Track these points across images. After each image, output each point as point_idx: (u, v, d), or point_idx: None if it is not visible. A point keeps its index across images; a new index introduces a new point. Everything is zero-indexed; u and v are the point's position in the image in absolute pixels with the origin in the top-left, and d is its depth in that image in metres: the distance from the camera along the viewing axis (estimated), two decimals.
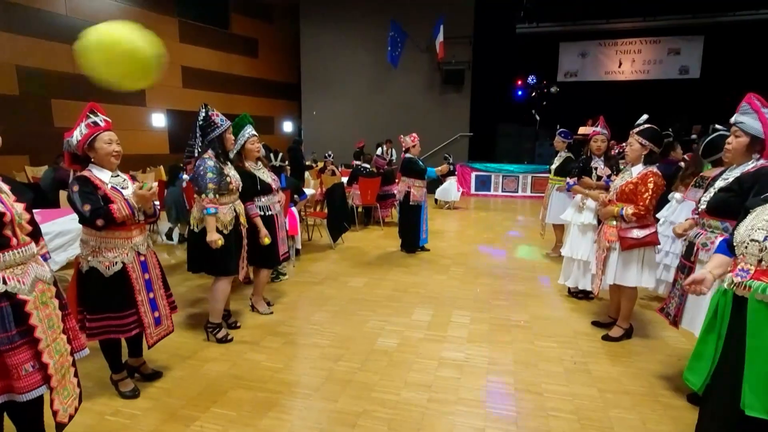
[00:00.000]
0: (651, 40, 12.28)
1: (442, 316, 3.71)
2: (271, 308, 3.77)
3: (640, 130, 3.05)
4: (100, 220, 2.22)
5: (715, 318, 1.75)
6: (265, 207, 3.50)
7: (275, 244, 3.54)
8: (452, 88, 11.86)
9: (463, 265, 5.20)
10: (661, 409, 2.47)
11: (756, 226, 1.60)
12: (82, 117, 2.30)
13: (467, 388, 2.67)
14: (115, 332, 2.40)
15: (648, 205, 2.92)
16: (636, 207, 2.95)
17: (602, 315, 3.63)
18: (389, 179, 7.57)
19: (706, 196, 2.43)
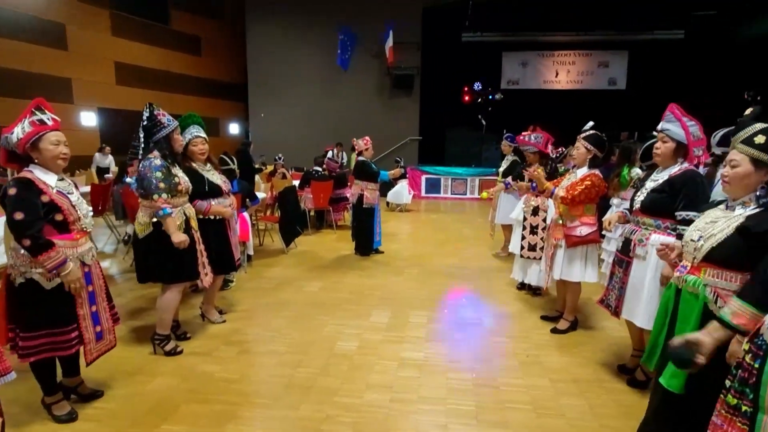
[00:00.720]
0: (583, 53, 13.16)
1: (400, 317, 3.75)
2: (224, 317, 3.64)
3: (586, 136, 3.27)
4: (27, 240, 2.00)
5: (665, 310, 1.91)
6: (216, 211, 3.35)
7: (229, 248, 3.43)
8: (402, 92, 12.06)
9: (417, 266, 5.29)
10: (606, 394, 2.65)
11: (697, 227, 1.76)
12: (25, 113, 2.11)
13: (428, 386, 2.72)
14: (53, 350, 2.21)
15: (576, 196, 3.11)
16: (566, 193, 3.15)
17: (550, 309, 3.83)
18: (341, 182, 7.55)
19: (639, 196, 2.64)
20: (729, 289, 1.64)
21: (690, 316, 1.73)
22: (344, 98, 12.21)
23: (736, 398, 1.37)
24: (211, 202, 3.27)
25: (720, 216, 1.70)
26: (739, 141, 1.63)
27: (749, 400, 1.32)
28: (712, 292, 1.65)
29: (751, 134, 1.60)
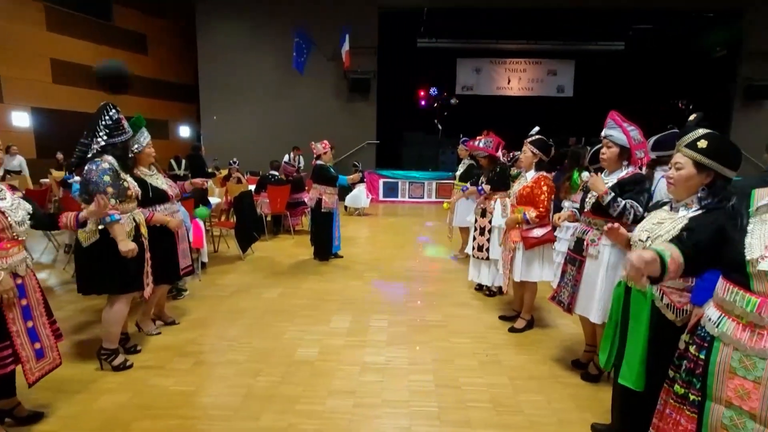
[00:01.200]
0: (533, 61, 13.73)
1: (361, 322, 3.73)
2: (159, 328, 3.44)
3: (532, 140, 3.42)
4: None
5: (616, 309, 2.00)
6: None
7: (174, 257, 3.27)
8: (359, 96, 12.06)
9: (377, 270, 5.29)
10: (562, 388, 2.75)
11: (644, 228, 1.86)
12: None
13: (391, 389, 2.72)
14: None
15: (546, 206, 3.25)
16: (537, 210, 3.27)
17: (508, 309, 3.94)
18: (299, 187, 7.44)
19: (590, 198, 2.77)
20: (674, 287, 1.74)
21: (641, 315, 1.81)
22: (301, 102, 12.05)
23: (684, 388, 1.44)
24: (155, 210, 3.11)
25: (666, 217, 1.80)
26: (684, 145, 1.72)
27: (696, 390, 1.40)
28: (658, 290, 1.75)
29: (695, 139, 1.69)
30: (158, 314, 3.57)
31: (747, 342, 1.26)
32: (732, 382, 1.30)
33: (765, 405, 1.22)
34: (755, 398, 1.24)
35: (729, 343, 1.31)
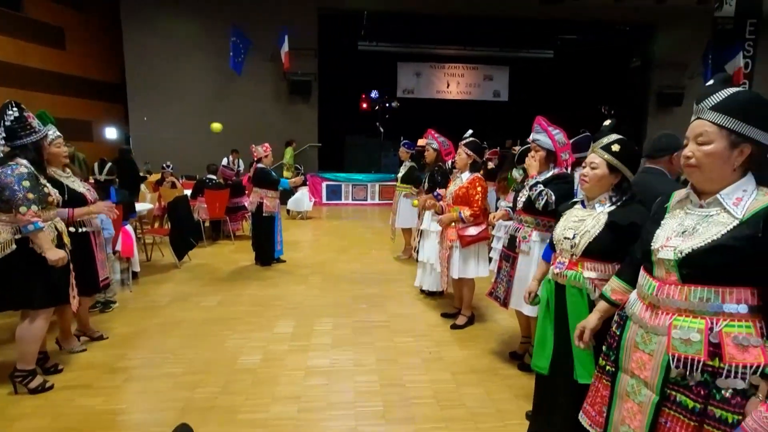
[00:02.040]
0: (471, 66, 14.26)
1: (305, 326, 3.69)
2: (84, 345, 3.21)
3: (466, 143, 3.57)
4: None
5: (547, 307, 2.07)
6: (77, 222, 2.94)
7: (92, 267, 3.05)
8: (300, 98, 11.88)
9: (321, 274, 5.25)
10: (500, 380, 2.88)
11: (567, 226, 1.98)
12: None
13: (336, 392, 2.71)
14: None
15: (480, 205, 3.39)
16: (471, 209, 3.40)
17: (449, 307, 4.06)
18: (238, 191, 7.22)
19: (521, 197, 2.93)
20: (605, 279, 1.86)
21: (580, 310, 1.89)
22: (239, 103, 11.65)
23: (605, 360, 1.60)
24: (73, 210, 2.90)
25: (584, 215, 1.94)
26: (599, 147, 1.90)
27: (612, 362, 1.55)
28: (591, 283, 1.88)
29: (609, 143, 1.88)
30: (82, 329, 3.32)
31: (648, 320, 1.40)
32: (635, 355, 1.44)
33: (654, 374, 1.37)
34: (648, 368, 1.39)
35: (636, 321, 1.46)
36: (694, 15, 11.34)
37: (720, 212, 1.29)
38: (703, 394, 1.27)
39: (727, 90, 1.27)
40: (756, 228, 1.21)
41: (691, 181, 1.39)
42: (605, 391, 1.57)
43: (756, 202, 1.25)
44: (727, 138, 1.25)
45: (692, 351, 1.28)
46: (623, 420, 1.47)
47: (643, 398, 1.40)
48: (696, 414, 1.27)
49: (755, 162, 1.28)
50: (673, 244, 1.33)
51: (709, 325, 1.27)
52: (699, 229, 1.31)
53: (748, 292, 1.25)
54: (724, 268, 1.25)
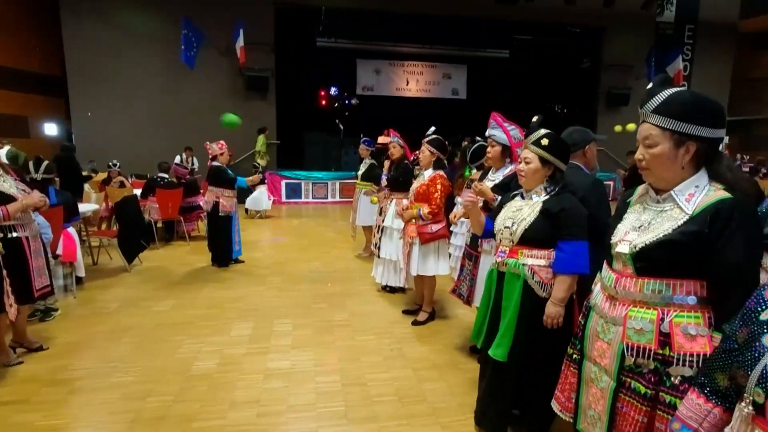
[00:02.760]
0: (429, 64, 14.38)
1: (264, 327, 3.59)
2: (20, 357, 2.99)
3: (430, 140, 3.57)
4: None
5: (489, 293, 2.19)
6: (7, 227, 2.73)
7: (26, 275, 2.84)
8: (256, 95, 11.55)
9: (280, 274, 5.14)
10: (462, 374, 2.92)
11: (506, 216, 2.07)
12: None
13: (297, 394, 2.66)
14: None
15: (439, 203, 3.42)
16: (430, 206, 3.43)
17: (410, 304, 4.07)
18: (193, 190, 6.95)
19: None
20: (541, 265, 1.97)
21: (512, 294, 2.02)
22: (192, 99, 11.18)
23: (572, 349, 1.67)
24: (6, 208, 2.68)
25: (522, 205, 2.05)
26: (530, 143, 2.01)
27: (578, 350, 1.62)
28: (529, 269, 1.97)
29: (539, 138, 1.99)
30: (18, 340, 3.09)
31: (607, 311, 1.47)
32: (596, 343, 1.51)
33: (611, 362, 1.44)
34: (607, 356, 1.46)
35: (597, 312, 1.52)
36: (639, 19, 11.97)
37: (673, 207, 1.34)
38: (654, 380, 1.33)
39: (667, 91, 1.31)
40: (702, 224, 1.26)
41: (647, 181, 1.44)
42: (573, 378, 1.63)
43: (706, 197, 1.29)
44: (671, 138, 1.30)
45: (644, 340, 1.34)
46: (590, 404, 1.54)
47: (604, 384, 1.47)
48: (648, 399, 1.34)
49: (704, 157, 1.32)
50: (630, 239, 1.39)
51: (661, 316, 1.33)
52: (653, 224, 1.36)
53: (698, 285, 1.31)
54: (673, 262, 1.31)
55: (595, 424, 1.51)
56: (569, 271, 1.90)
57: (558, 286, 1.92)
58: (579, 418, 1.61)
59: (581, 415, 1.59)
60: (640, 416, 1.35)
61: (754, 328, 0.90)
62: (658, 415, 1.32)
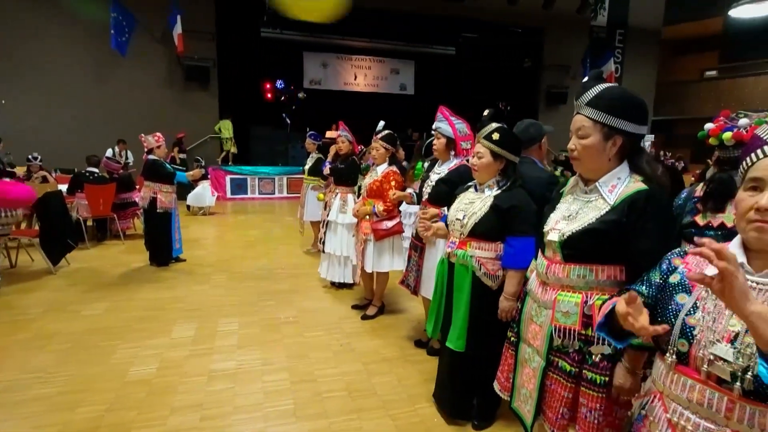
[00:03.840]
0: (377, 59, 14.38)
1: (208, 328, 3.44)
2: None
3: (382, 136, 3.56)
4: None
5: (440, 283, 2.22)
6: None
7: None
8: (197, 85, 10.99)
9: (225, 272, 4.95)
10: (411, 366, 2.95)
11: (459, 208, 2.10)
12: None
13: (243, 395, 2.57)
14: None
15: (392, 201, 3.42)
16: (384, 203, 3.41)
17: (360, 298, 4.06)
18: (127, 185, 6.52)
19: (426, 188, 3.01)
20: (488, 257, 2.02)
21: (463, 286, 2.07)
22: (125, 88, 10.43)
23: (511, 333, 1.75)
24: None
25: (474, 198, 2.09)
26: (482, 137, 2.05)
27: (515, 333, 1.71)
28: (477, 261, 2.01)
29: (490, 132, 2.03)
30: None
31: (539, 295, 1.56)
32: (530, 326, 1.60)
33: (542, 343, 1.54)
34: (539, 338, 1.56)
35: (532, 296, 1.61)
36: (576, 22, 12.61)
37: (598, 198, 1.43)
38: (578, 359, 1.44)
39: (600, 86, 1.39)
40: (621, 213, 1.36)
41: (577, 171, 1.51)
42: (511, 359, 1.72)
43: (626, 189, 1.38)
44: (601, 131, 1.38)
45: (570, 322, 1.43)
46: (523, 383, 1.64)
47: (535, 364, 1.56)
48: (573, 377, 1.45)
49: (628, 151, 1.42)
50: (559, 228, 1.47)
51: (585, 299, 1.42)
52: (580, 213, 1.44)
53: (617, 269, 1.41)
54: (596, 249, 1.40)
55: (527, 402, 1.61)
56: (518, 266, 1.96)
57: (508, 281, 1.98)
58: (514, 396, 1.70)
59: (516, 394, 1.69)
60: (566, 392, 1.46)
61: (666, 290, 1.05)
62: (581, 390, 1.43)
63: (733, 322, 0.90)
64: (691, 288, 1.00)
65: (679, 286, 1.03)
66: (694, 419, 0.93)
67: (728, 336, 0.90)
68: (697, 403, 0.93)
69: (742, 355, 0.87)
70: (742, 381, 0.86)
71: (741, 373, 0.86)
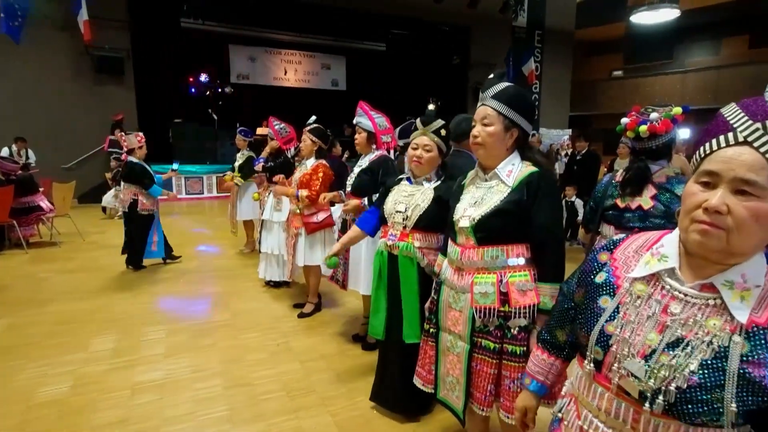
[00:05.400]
0: (308, 54, 14.13)
1: (131, 338, 3.20)
2: None
3: (311, 129, 3.51)
4: None
5: (380, 277, 2.20)
6: None
7: None
8: (110, 79, 10.07)
9: (150, 278, 4.63)
10: (349, 360, 2.94)
11: (398, 201, 2.10)
12: None
13: (172, 405, 2.42)
14: None
15: (318, 191, 3.37)
16: (309, 191, 3.37)
17: (297, 297, 3.98)
18: (28, 188, 5.88)
19: (349, 180, 3.03)
20: (431, 248, 2.05)
21: (410, 278, 2.06)
22: (22, 80, 9.26)
23: (428, 324, 1.79)
24: None
25: (413, 190, 2.11)
26: (431, 131, 2.08)
27: (433, 323, 1.76)
28: (420, 252, 2.04)
29: (439, 128, 2.08)
30: None
31: (456, 282, 1.62)
32: (449, 313, 1.66)
33: (464, 327, 1.61)
34: (460, 323, 1.62)
35: (448, 284, 1.67)
36: (499, 22, 13.20)
37: (498, 183, 1.57)
38: (499, 335, 1.54)
39: (503, 83, 1.56)
40: (521, 193, 1.52)
41: (478, 159, 1.63)
42: (431, 351, 1.76)
43: (521, 172, 1.55)
44: (503, 122, 1.53)
45: (488, 302, 1.53)
46: (447, 372, 1.69)
47: (459, 349, 1.62)
48: (496, 353, 1.55)
49: (520, 142, 1.59)
50: (469, 214, 1.56)
51: (500, 278, 1.53)
52: (485, 198, 1.56)
53: (523, 248, 1.55)
54: (504, 229, 1.52)
55: (454, 389, 1.67)
56: None
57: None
58: (438, 387, 1.75)
59: (440, 385, 1.74)
60: (492, 369, 1.55)
61: (590, 290, 0.95)
62: (503, 364, 1.54)
63: (651, 337, 0.81)
64: (615, 290, 0.90)
65: (603, 287, 0.92)
66: (602, 428, 0.87)
67: (643, 351, 0.81)
68: (605, 411, 0.87)
69: (654, 376, 0.78)
70: (652, 403, 0.78)
71: (651, 394, 0.78)
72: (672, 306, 0.81)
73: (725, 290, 0.77)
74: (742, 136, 0.74)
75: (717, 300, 0.78)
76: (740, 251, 0.75)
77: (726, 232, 0.73)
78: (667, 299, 0.82)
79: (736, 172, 0.72)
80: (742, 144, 0.74)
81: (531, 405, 1.17)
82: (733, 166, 0.73)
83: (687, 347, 0.77)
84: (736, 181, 0.72)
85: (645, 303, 0.84)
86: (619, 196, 2.04)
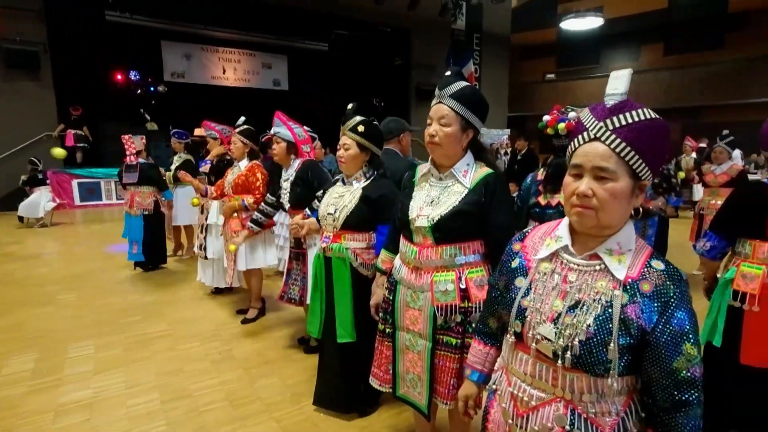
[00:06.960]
0: (248, 52, 13.70)
1: (54, 357, 2.95)
2: None
3: (240, 131, 3.41)
4: None
5: (316, 279, 2.19)
6: None
7: None
8: (23, 74, 9.17)
9: (75, 290, 4.29)
10: (294, 364, 2.89)
11: (329, 203, 2.11)
12: None
13: (103, 425, 2.26)
14: None
15: (263, 191, 3.29)
16: (254, 196, 3.27)
17: (245, 302, 3.83)
18: None
19: (285, 196, 2.94)
20: (362, 247, 2.06)
21: (343, 278, 2.07)
22: None
23: (384, 324, 1.77)
24: None
25: (344, 191, 2.12)
26: (348, 129, 2.08)
27: (389, 324, 1.73)
28: (352, 252, 2.04)
29: (355, 124, 2.07)
30: None
31: (413, 281, 1.61)
32: (407, 313, 1.65)
33: (425, 326, 1.61)
34: (420, 322, 1.62)
35: (404, 284, 1.65)
36: (439, 25, 13.51)
37: (455, 183, 1.57)
38: (460, 331, 1.56)
39: (460, 83, 1.55)
40: (479, 194, 1.53)
41: (432, 157, 1.62)
42: (388, 351, 1.74)
43: (477, 173, 1.57)
44: (460, 123, 1.53)
45: (449, 299, 1.53)
46: (407, 369, 1.68)
47: (420, 347, 1.62)
48: (458, 348, 1.56)
49: (475, 145, 1.61)
50: (426, 213, 1.55)
51: (458, 275, 1.54)
52: (442, 198, 1.56)
53: (478, 244, 1.57)
54: (462, 229, 1.53)
55: (416, 386, 1.67)
56: None
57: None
58: (398, 385, 1.74)
59: (399, 382, 1.73)
60: (454, 364, 1.57)
61: (509, 275, 1.10)
62: (465, 357, 1.52)
63: (556, 303, 0.96)
64: (527, 271, 1.05)
65: (518, 270, 1.08)
66: (529, 390, 1.00)
67: (551, 316, 0.96)
68: (530, 375, 1.00)
69: (562, 335, 0.92)
70: (563, 359, 0.92)
71: (561, 352, 0.92)
72: (569, 276, 0.97)
73: (606, 257, 0.94)
74: (592, 134, 0.93)
75: (602, 265, 0.95)
76: (609, 224, 0.93)
77: (595, 210, 0.91)
78: (565, 271, 0.99)
79: (593, 162, 0.91)
80: (594, 140, 0.92)
81: (472, 393, 1.25)
82: (590, 158, 0.91)
83: (584, 307, 0.93)
84: (595, 170, 0.91)
85: (549, 277, 1.00)
86: (541, 194, 2.14)
